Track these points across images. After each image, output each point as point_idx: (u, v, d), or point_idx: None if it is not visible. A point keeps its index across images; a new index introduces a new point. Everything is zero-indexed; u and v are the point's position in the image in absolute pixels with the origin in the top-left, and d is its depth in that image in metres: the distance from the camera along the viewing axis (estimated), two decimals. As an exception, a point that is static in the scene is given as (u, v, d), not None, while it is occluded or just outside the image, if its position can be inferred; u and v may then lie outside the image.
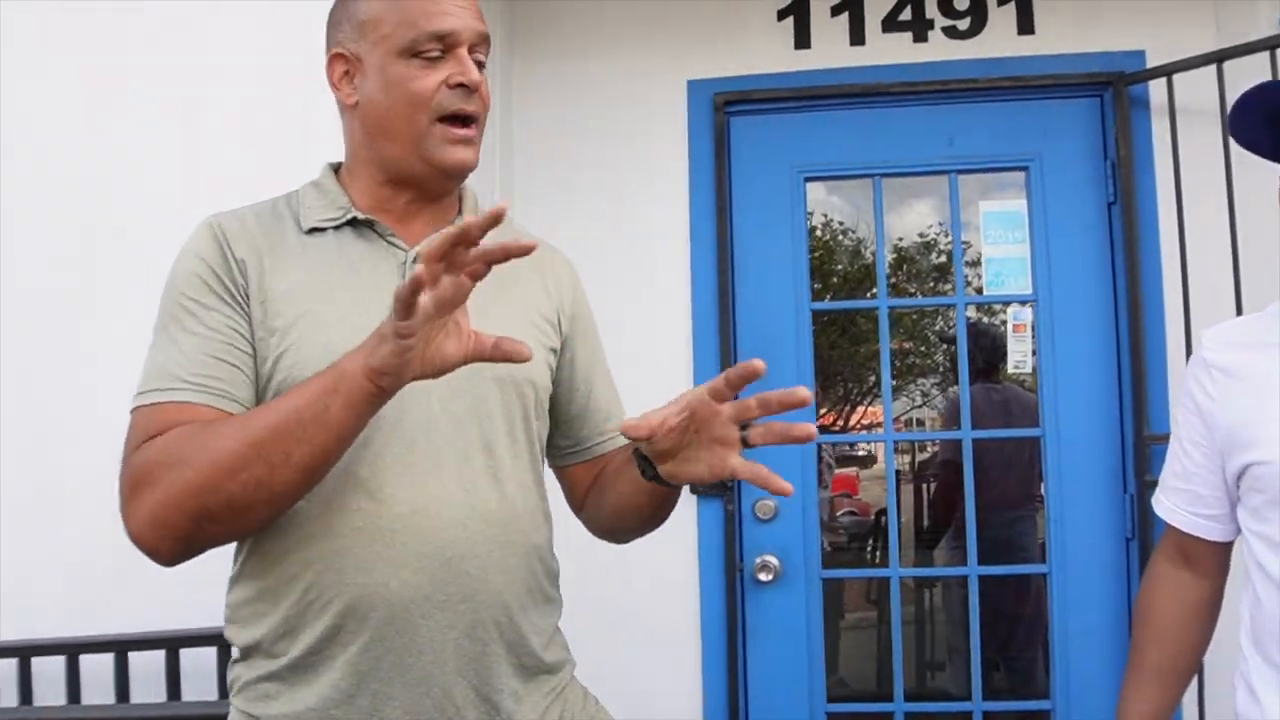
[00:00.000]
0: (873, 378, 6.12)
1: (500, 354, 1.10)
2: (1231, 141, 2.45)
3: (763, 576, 2.79)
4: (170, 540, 1.16)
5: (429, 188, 1.38)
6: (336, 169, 1.44)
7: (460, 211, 1.44)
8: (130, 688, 2.27)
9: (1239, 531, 1.53)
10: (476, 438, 1.31)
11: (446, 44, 1.31)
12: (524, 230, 1.59)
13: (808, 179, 2.92)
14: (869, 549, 5.46)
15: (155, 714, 2.13)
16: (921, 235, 5.43)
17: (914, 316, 6.12)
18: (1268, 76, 2.49)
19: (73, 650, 2.28)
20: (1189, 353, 2.59)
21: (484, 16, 1.37)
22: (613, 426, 1.55)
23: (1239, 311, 2.48)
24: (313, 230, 1.33)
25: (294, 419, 1.10)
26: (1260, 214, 2.50)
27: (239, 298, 1.27)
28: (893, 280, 5.68)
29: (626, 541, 1.53)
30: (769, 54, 2.93)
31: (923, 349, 6.21)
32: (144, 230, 2.30)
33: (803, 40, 2.94)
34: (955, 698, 3.62)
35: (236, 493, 1.12)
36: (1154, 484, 2.48)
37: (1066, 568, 2.75)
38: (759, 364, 1.07)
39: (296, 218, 1.35)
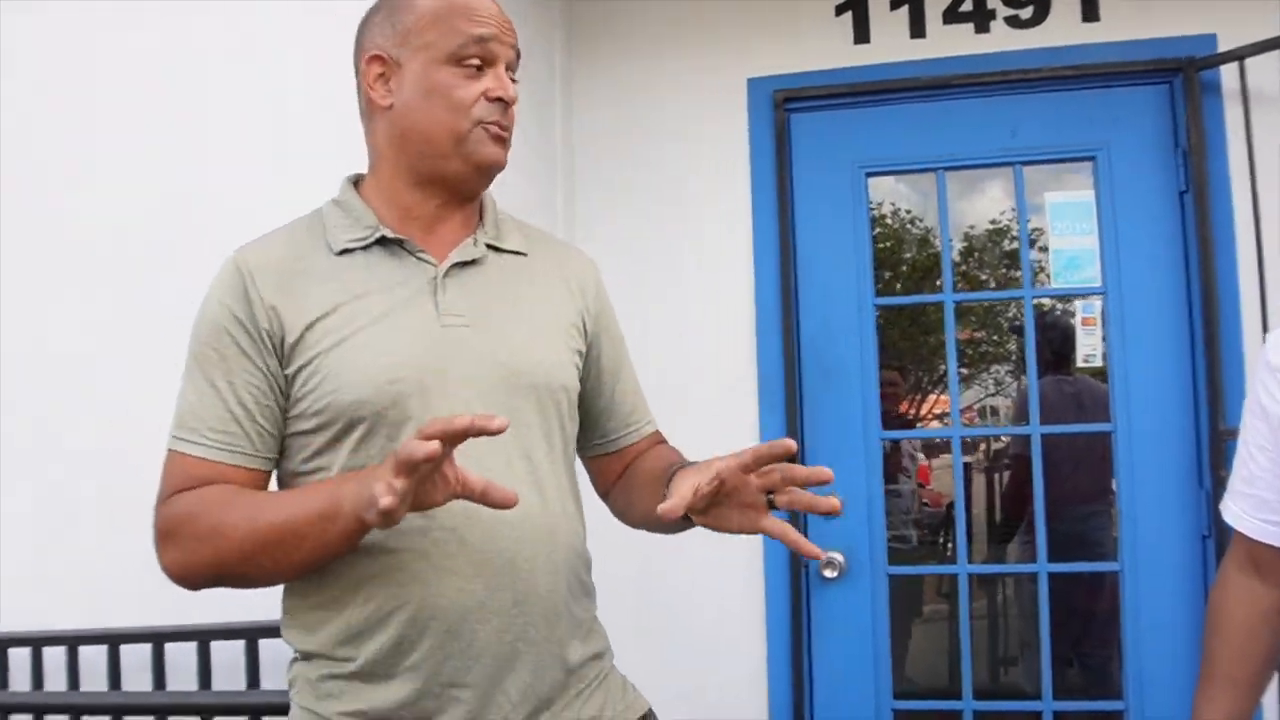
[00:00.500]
0: (943, 366, 6.04)
1: (487, 501, 1.15)
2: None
3: (828, 573, 2.78)
4: (193, 585, 1.31)
5: (461, 188, 1.41)
6: (355, 182, 1.46)
7: (482, 219, 1.46)
8: (212, 676, 2.36)
9: None
10: (516, 447, 1.35)
11: (485, 56, 1.35)
12: (538, 229, 1.61)
13: (869, 174, 2.89)
14: (941, 541, 5.40)
15: (235, 701, 2.20)
16: (994, 222, 5.34)
17: (984, 305, 6.01)
18: (1345, 59, 2.43)
19: (158, 639, 2.38)
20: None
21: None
22: (637, 418, 1.62)
23: (1317, 299, 2.43)
24: (343, 251, 1.36)
25: (294, 532, 1.21)
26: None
27: (261, 344, 1.31)
28: (962, 268, 5.59)
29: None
30: (828, 49, 2.91)
31: (995, 337, 6.12)
32: (221, 224, 2.36)
33: (862, 35, 2.91)
34: (1028, 695, 3.57)
35: (248, 571, 1.26)
36: (1229, 481, 2.43)
37: (1139, 565, 2.70)
38: (790, 444, 1.20)
39: (325, 239, 1.38)
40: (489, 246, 1.43)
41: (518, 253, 1.47)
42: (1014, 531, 3.90)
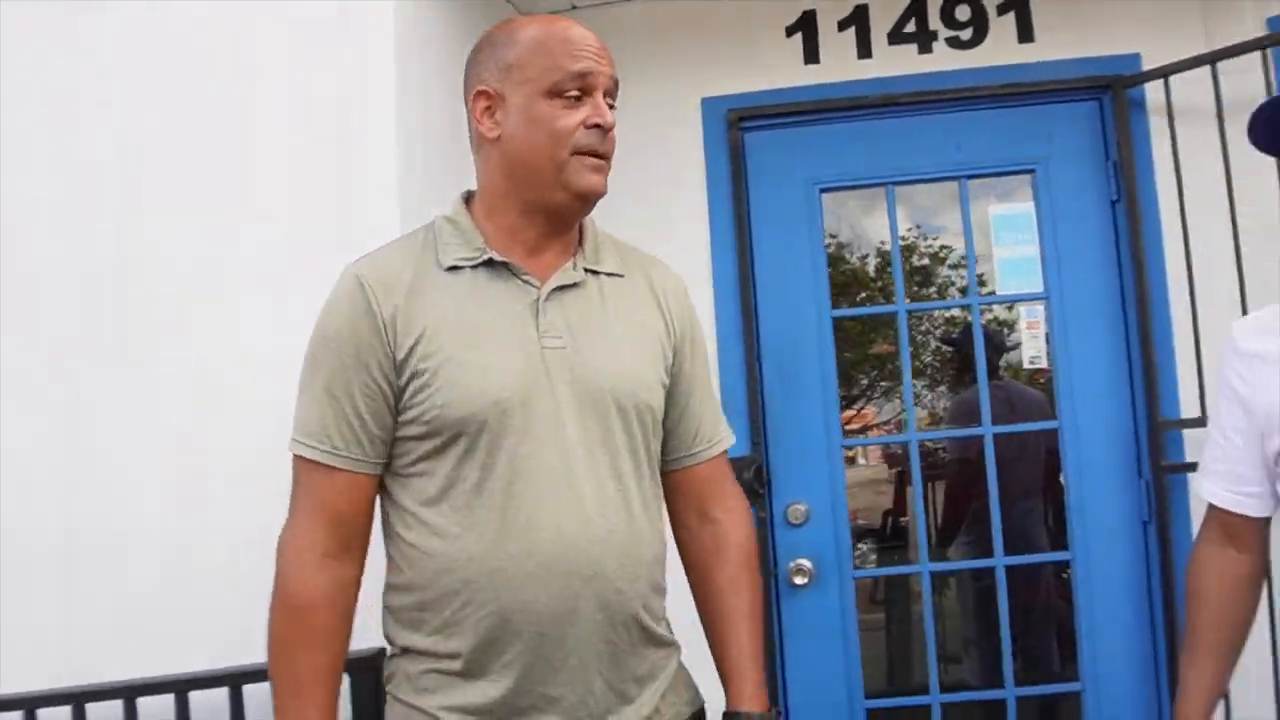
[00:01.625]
0: (864, 380, 6.21)
1: None
2: (1226, 137, 2.59)
3: (798, 580, 2.86)
4: None
5: (563, 215, 1.47)
6: (467, 199, 1.52)
7: (581, 243, 1.53)
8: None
9: (1276, 506, 1.64)
10: (607, 466, 1.43)
11: (584, 87, 1.43)
12: (633, 248, 1.67)
13: (823, 190, 2.99)
14: (864, 550, 5.54)
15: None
16: (902, 238, 5.53)
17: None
18: (1259, 76, 2.62)
19: (130, 693, 2.13)
20: (1196, 340, 2.70)
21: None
22: (700, 442, 1.64)
23: (1242, 295, 2.61)
24: (451, 268, 1.43)
25: None
26: (1257, 203, 2.63)
27: (379, 355, 1.38)
28: (878, 284, 5.75)
29: None
30: (779, 69, 3.01)
31: (911, 349, 6.32)
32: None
33: (811, 55, 3.02)
34: (974, 688, 3.71)
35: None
36: (1169, 468, 2.61)
37: (1089, 553, 2.84)
38: None
39: (436, 254, 1.44)
40: (587, 270, 1.50)
41: (614, 274, 1.54)
42: (953, 536, 4.03)
